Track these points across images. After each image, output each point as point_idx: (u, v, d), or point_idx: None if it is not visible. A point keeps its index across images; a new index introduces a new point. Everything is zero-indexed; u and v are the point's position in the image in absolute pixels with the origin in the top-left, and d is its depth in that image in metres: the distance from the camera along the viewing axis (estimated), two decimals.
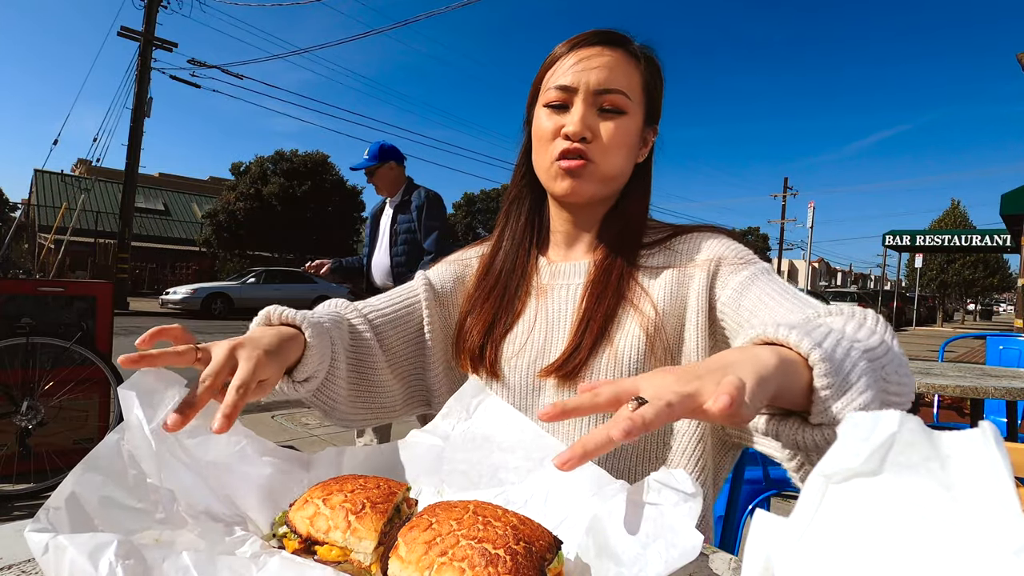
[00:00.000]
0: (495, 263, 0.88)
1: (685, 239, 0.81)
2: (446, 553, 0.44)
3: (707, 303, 0.74)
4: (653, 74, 0.82)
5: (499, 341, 0.82)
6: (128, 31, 13.23)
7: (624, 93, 0.77)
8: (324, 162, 20.90)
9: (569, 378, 0.75)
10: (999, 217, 8.98)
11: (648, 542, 0.42)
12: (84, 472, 0.48)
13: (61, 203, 12.55)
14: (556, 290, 0.83)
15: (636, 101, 0.78)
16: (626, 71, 0.78)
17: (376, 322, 0.81)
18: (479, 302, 0.85)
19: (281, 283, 15.34)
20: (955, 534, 0.27)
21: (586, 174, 0.77)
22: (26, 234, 20.09)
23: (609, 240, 0.82)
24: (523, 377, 0.79)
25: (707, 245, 0.78)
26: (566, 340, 0.78)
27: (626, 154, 0.79)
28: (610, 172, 0.78)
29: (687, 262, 0.78)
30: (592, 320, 0.76)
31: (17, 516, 2.37)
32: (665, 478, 0.44)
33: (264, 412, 4.46)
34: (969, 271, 34.10)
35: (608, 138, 0.76)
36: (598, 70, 0.76)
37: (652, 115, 0.83)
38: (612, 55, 0.77)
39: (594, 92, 0.76)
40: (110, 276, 12.62)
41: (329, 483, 0.55)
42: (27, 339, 2.60)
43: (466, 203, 27.56)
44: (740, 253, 0.76)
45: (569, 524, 0.55)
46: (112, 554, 0.41)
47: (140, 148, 13.51)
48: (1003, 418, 2.57)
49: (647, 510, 0.44)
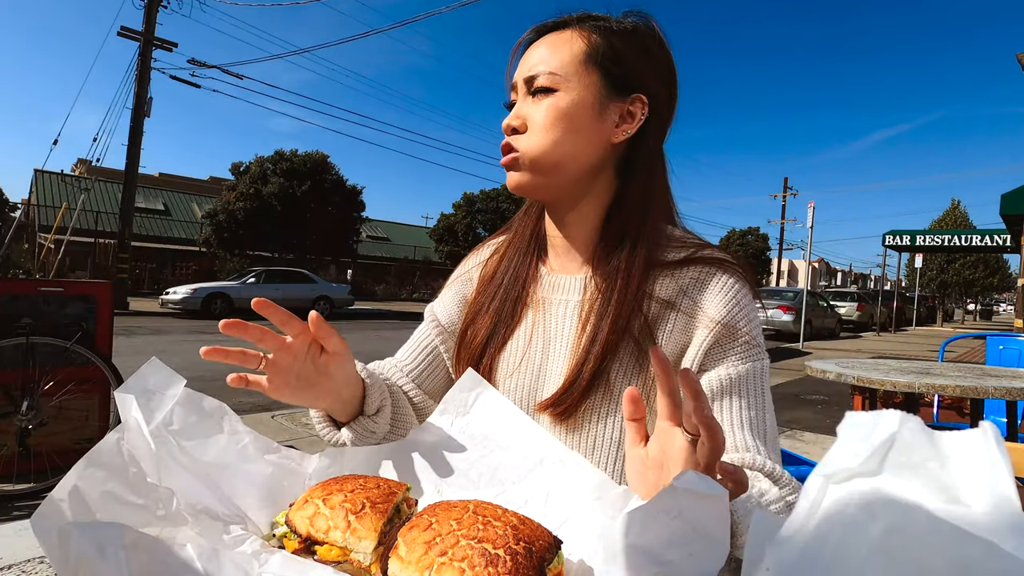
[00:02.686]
0: (497, 274, 0.85)
1: (699, 272, 0.73)
2: (446, 553, 0.44)
3: (699, 361, 0.71)
4: (618, 40, 0.74)
5: (496, 353, 0.80)
6: (128, 31, 13.22)
7: (551, 72, 0.72)
8: (324, 162, 20.88)
9: (563, 417, 0.73)
10: (999, 217, 8.97)
11: (663, 560, 0.41)
12: (87, 467, 0.49)
13: (61, 203, 12.55)
14: (554, 306, 0.79)
15: (571, 72, 0.72)
16: (556, 48, 0.74)
17: (417, 379, 0.85)
18: (480, 314, 0.83)
19: (281, 283, 15.33)
20: (955, 534, 0.27)
21: (517, 164, 0.74)
22: (26, 234, 20.08)
23: (607, 252, 0.76)
24: (518, 400, 0.77)
25: (721, 297, 0.71)
26: (562, 368, 0.75)
27: (561, 129, 0.72)
28: (538, 156, 0.72)
29: (695, 310, 0.72)
30: (588, 356, 0.72)
31: (17, 516, 2.36)
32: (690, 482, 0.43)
33: (264, 412, 4.46)
34: (969, 271, 34.08)
35: (535, 120, 0.73)
36: (526, 61, 0.75)
37: (619, 84, 0.74)
38: (543, 42, 0.75)
39: (525, 82, 0.74)
40: (110, 276, 12.62)
41: (329, 483, 0.55)
42: (27, 339, 2.60)
43: (466, 203, 27.50)
44: (750, 334, 0.71)
45: (570, 526, 0.55)
46: (120, 543, 0.41)
47: (140, 148, 13.50)
48: (1003, 418, 2.57)
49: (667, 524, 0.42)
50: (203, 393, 0.60)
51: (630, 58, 0.74)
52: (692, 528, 0.40)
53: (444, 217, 28.20)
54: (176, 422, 0.56)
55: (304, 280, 15.76)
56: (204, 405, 0.59)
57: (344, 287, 16.86)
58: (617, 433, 0.72)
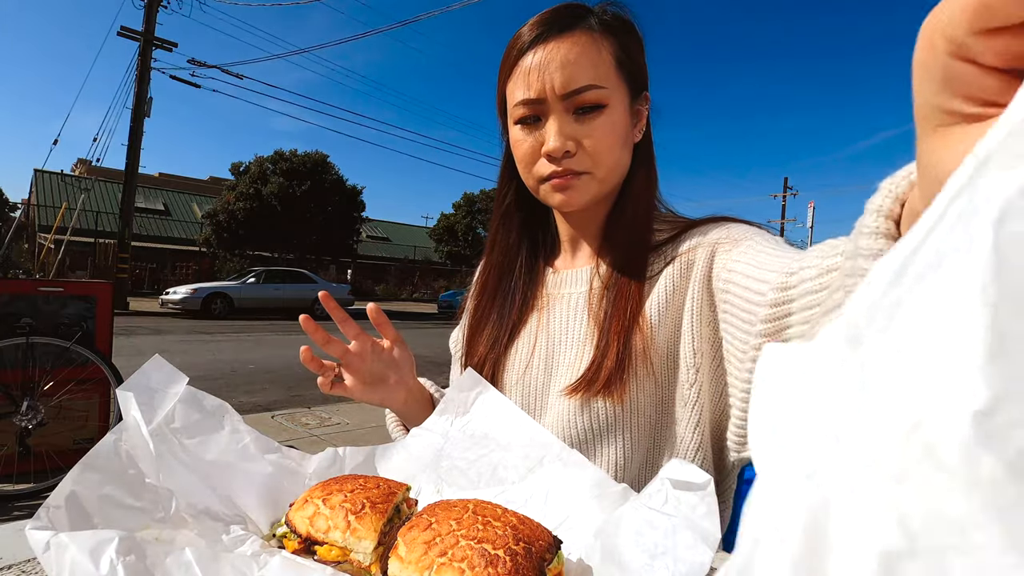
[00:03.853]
0: (488, 283, 0.85)
1: (696, 231, 0.74)
2: (446, 553, 0.44)
3: (704, 273, 0.68)
4: (625, 39, 0.72)
5: (500, 360, 0.81)
6: (128, 31, 13.23)
7: (596, 85, 0.68)
8: (324, 162, 20.89)
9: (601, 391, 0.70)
10: None
11: (656, 553, 0.42)
12: (83, 471, 0.48)
13: (61, 203, 12.55)
14: (559, 301, 0.80)
15: (613, 84, 0.70)
16: (591, 55, 0.68)
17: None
18: (479, 326, 0.84)
19: (281, 283, 15.34)
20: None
21: (579, 185, 0.71)
22: (26, 234, 20.08)
23: (614, 244, 0.76)
24: (530, 398, 0.77)
25: (707, 236, 0.71)
26: (572, 358, 0.75)
27: (619, 147, 0.72)
28: (605, 174, 0.72)
29: (687, 264, 0.71)
30: (610, 328, 0.71)
31: (17, 516, 2.37)
32: (676, 472, 0.43)
33: (264, 412, 4.46)
34: None
35: (593, 143, 0.69)
36: (559, 71, 0.67)
37: (637, 86, 0.74)
38: (569, 43, 0.68)
39: (562, 97, 0.68)
40: (110, 276, 12.62)
41: (329, 483, 0.55)
42: (27, 339, 2.60)
43: (466, 203, 27.51)
44: (739, 231, 0.69)
45: (570, 525, 0.55)
46: (113, 551, 0.41)
47: (140, 148, 13.51)
48: None
49: (659, 519, 0.43)
50: (204, 392, 0.60)
51: (637, 57, 0.74)
52: (683, 518, 0.42)
53: (444, 217, 28.23)
54: (178, 420, 0.56)
55: (304, 280, 15.76)
56: (206, 404, 0.59)
57: (344, 287, 16.87)
58: (655, 397, 0.72)
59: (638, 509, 0.44)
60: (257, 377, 6.06)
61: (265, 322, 13.07)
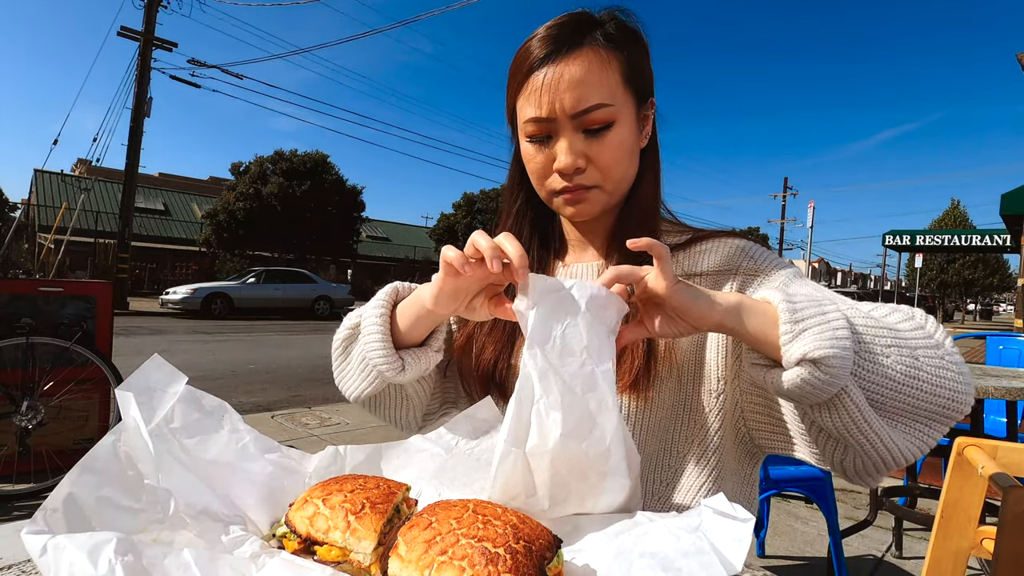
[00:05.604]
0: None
1: (708, 244, 0.77)
2: (446, 552, 0.44)
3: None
4: (632, 50, 0.73)
5: (512, 356, 0.80)
6: (128, 31, 13.23)
7: (604, 104, 0.69)
8: (324, 162, 20.88)
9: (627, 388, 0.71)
10: (999, 217, 8.97)
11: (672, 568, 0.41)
12: (81, 473, 0.48)
13: (61, 203, 12.53)
14: None
15: (621, 100, 0.71)
16: (599, 73, 0.70)
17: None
18: (487, 326, 0.82)
19: (281, 283, 15.34)
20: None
21: (590, 197, 0.74)
22: (26, 234, 20.07)
23: (621, 244, 0.75)
24: None
25: (736, 250, 0.75)
26: None
27: (628, 160, 0.74)
28: (614, 187, 0.75)
29: (713, 270, 0.74)
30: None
31: (17, 516, 2.37)
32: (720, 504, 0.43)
33: (264, 412, 4.46)
34: (969, 271, 34.12)
35: (604, 159, 0.71)
36: (569, 91, 0.69)
37: (643, 95, 0.76)
38: (577, 63, 0.69)
39: (572, 117, 0.69)
40: (110, 276, 12.61)
41: (329, 483, 0.55)
42: (27, 339, 2.60)
43: (466, 203, 27.50)
44: (769, 260, 0.73)
45: (569, 523, 0.55)
46: (112, 552, 0.40)
47: (140, 148, 13.51)
48: (1003, 418, 2.57)
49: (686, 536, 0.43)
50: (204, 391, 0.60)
51: (643, 67, 0.75)
52: (709, 543, 0.41)
53: (444, 217, 28.22)
54: (177, 420, 0.56)
55: (304, 280, 15.75)
56: (205, 403, 0.59)
57: (344, 287, 16.85)
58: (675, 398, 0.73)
59: (668, 525, 0.43)
60: (257, 377, 6.05)
61: (265, 322, 13.07)
